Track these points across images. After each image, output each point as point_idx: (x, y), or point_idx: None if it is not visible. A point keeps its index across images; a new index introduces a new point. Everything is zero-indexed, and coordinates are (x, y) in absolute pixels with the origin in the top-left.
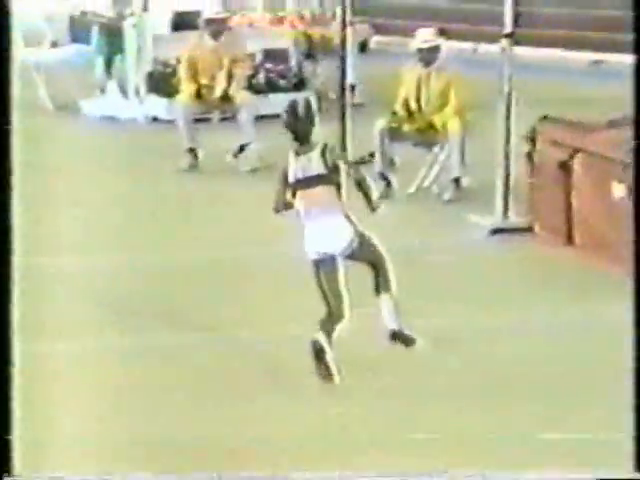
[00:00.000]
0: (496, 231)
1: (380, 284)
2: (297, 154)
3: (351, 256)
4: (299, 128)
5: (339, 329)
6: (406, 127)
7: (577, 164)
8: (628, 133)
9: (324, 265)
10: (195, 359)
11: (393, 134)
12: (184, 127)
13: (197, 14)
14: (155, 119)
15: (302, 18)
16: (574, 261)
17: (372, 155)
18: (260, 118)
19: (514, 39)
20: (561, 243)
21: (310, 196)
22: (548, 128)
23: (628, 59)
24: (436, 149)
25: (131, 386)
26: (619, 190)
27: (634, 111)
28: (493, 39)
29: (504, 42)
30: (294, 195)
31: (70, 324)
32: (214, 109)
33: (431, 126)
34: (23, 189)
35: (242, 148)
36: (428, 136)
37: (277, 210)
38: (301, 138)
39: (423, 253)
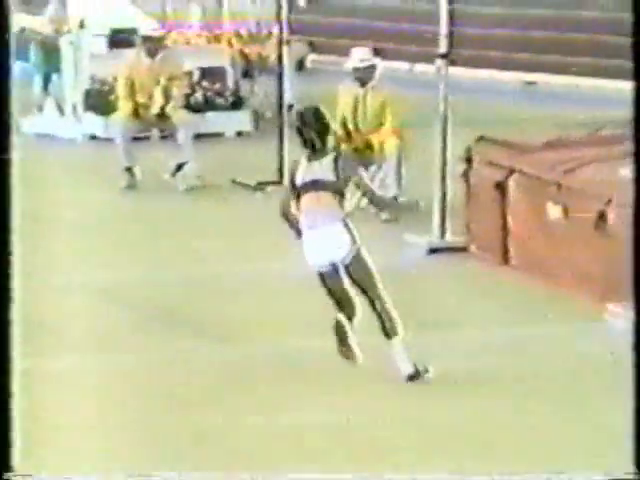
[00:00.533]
0: (433, 250)
1: (386, 327)
2: (309, 159)
3: (348, 266)
4: (308, 135)
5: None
6: (344, 146)
7: (512, 184)
8: (563, 154)
9: (329, 276)
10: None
11: None
12: (122, 145)
13: (134, 31)
14: (93, 137)
15: (239, 36)
16: (509, 280)
17: None
18: (198, 136)
19: (449, 59)
20: (497, 263)
21: (313, 201)
22: (484, 148)
23: (561, 80)
24: (373, 168)
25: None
26: (554, 211)
27: (634, 112)
28: (429, 59)
29: (439, 62)
30: (298, 199)
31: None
32: (151, 127)
33: (368, 145)
34: None
35: (180, 167)
36: (365, 155)
37: (283, 214)
38: (311, 145)
39: None
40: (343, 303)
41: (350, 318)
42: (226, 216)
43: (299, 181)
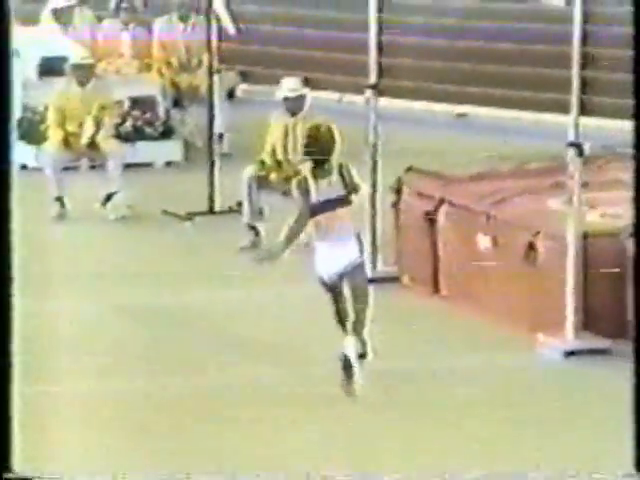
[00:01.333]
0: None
1: (356, 325)
2: (315, 177)
3: (350, 273)
4: (318, 152)
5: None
6: (274, 176)
7: (442, 215)
8: (493, 186)
9: (333, 286)
10: None
11: (261, 183)
12: (52, 175)
13: (65, 60)
14: (24, 167)
15: (169, 65)
16: (440, 311)
17: (240, 205)
18: (128, 166)
19: (379, 90)
20: (428, 293)
21: (329, 219)
22: (413, 179)
23: (491, 112)
24: None
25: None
26: (484, 242)
27: (634, 112)
28: (358, 89)
29: (368, 93)
30: (312, 216)
31: None
32: (82, 157)
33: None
34: None
35: (110, 196)
36: None
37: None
38: (319, 162)
39: (286, 304)
40: (344, 313)
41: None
42: (156, 245)
43: (313, 200)
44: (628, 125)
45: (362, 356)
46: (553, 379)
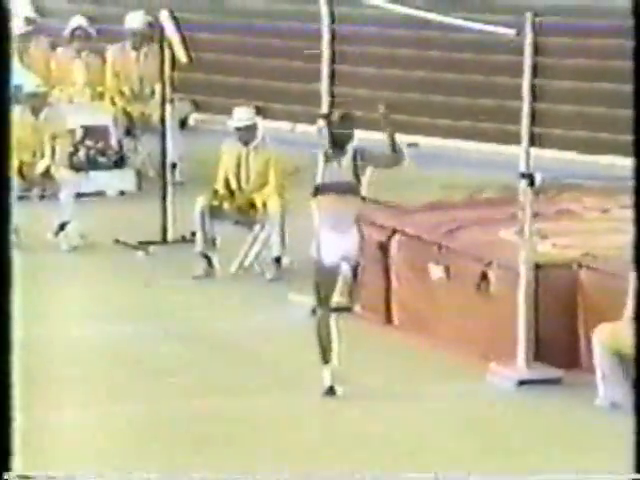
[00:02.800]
0: (317, 310)
1: (352, 293)
2: (327, 158)
3: (351, 257)
4: (335, 136)
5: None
6: (227, 206)
7: (395, 245)
8: (445, 216)
9: (329, 270)
10: None
11: (214, 213)
12: None
13: (19, 88)
14: None
15: (122, 94)
16: (392, 340)
17: (193, 234)
18: (80, 195)
19: (330, 119)
20: (381, 322)
21: (335, 203)
22: (366, 209)
23: (443, 143)
24: (257, 228)
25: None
26: (436, 271)
27: (634, 114)
28: (311, 119)
29: (321, 122)
30: (315, 196)
31: None
32: (35, 186)
33: (251, 205)
34: None
35: (63, 226)
36: (249, 215)
37: None
38: (335, 145)
39: (244, 334)
40: (326, 295)
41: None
42: (109, 275)
43: (318, 180)
44: (579, 157)
45: (348, 309)
46: (505, 408)
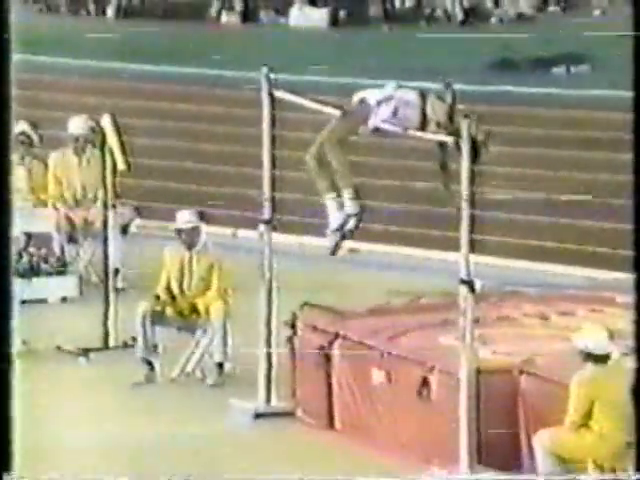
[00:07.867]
0: (259, 415)
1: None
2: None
3: None
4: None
5: None
6: (169, 311)
7: (337, 350)
8: (386, 321)
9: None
10: None
11: (156, 318)
12: None
13: None
14: None
15: (64, 201)
16: (334, 445)
17: (134, 339)
18: (22, 302)
19: (272, 225)
20: (322, 427)
21: None
22: (308, 314)
23: (383, 248)
24: (199, 333)
25: None
26: (378, 376)
27: (634, 116)
28: (253, 225)
29: (262, 228)
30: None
31: None
32: None
33: (194, 309)
34: None
35: None
36: (191, 320)
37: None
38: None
39: (186, 440)
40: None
41: None
42: (50, 382)
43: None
44: (519, 264)
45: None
46: None
